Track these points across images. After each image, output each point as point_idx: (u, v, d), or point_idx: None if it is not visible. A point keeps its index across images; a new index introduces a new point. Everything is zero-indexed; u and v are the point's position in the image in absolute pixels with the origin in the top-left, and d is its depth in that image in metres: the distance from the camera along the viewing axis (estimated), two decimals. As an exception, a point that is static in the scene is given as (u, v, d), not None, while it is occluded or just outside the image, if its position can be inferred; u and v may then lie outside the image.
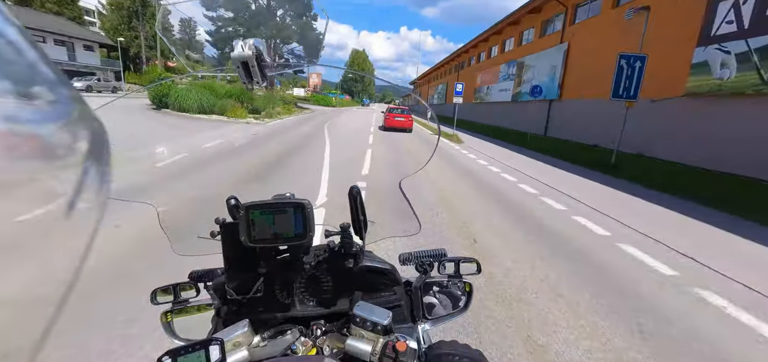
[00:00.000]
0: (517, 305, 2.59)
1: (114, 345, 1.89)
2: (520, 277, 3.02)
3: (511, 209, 5.30)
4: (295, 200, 0.74)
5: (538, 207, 5.43)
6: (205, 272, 0.90)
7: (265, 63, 0.78)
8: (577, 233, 4.34)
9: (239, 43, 0.75)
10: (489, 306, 2.55)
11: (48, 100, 0.25)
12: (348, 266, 0.84)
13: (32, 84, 0.24)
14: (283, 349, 0.72)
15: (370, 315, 0.69)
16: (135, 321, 2.04)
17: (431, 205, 5.10)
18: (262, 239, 0.73)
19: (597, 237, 4.22)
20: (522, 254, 3.52)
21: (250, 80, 0.79)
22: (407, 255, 0.91)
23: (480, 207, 5.30)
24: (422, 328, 0.87)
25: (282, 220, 0.73)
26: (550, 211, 5.26)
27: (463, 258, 0.89)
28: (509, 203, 5.66)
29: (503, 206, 5.44)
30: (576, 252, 3.71)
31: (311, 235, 0.74)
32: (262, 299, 0.80)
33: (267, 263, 0.80)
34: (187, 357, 0.57)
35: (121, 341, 1.92)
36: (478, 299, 2.61)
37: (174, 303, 0.87)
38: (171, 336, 0.86)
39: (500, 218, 4.78)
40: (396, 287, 0.86)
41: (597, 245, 3.97)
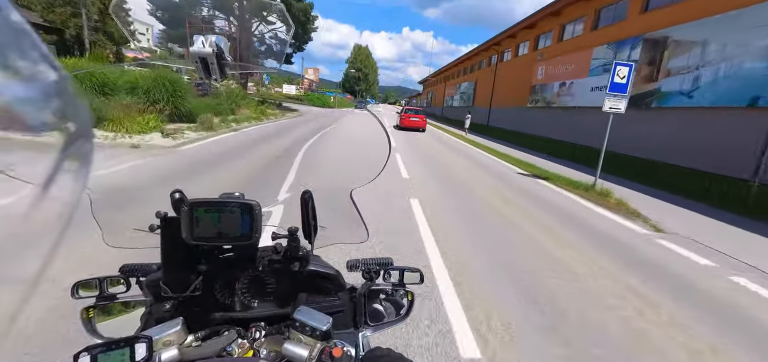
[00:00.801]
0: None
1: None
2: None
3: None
4: (243, 201, 0.72)
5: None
6: (139, 266, 0.84)
7: (225, 61, 0.77)
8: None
9: (200, 39, 0.75)
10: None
11: (29, 74, 0.25)
12: (294, 269, 0.82)
13: (12, 56, 0.24)
14: (217, 350, 0.69)
15: (310, 319, 0.68)
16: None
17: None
18: (205, 238, 0.70)
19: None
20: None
21: (209, 76, 0.78)
22: (355, 262, 0.89)
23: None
24: (363, 335, 0.86)
25: (228, 219, 0.70)
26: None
27: (407, 268, 0.89)
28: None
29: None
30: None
31: (257, 236, 0.72)
32: (200, 298, 0.77)
33: (208, 262, 0.77)
34: (109, 354, 0.53)
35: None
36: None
37: (98, 298, 0.81)
38: (91, 333, 0.79)
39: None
40: (340, 292, 0.87)
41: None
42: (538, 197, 6.41)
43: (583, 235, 4.44)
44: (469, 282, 2.88)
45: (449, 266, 3.11)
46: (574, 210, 5.69)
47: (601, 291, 2.98)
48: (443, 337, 2.16)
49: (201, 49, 0.75)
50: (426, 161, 9.48)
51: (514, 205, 5.64)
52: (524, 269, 3.25)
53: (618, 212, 5.67)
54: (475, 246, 3.70)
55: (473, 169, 9.14)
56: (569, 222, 4.93)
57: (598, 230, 4.73)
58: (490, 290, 2.81)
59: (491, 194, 6.27)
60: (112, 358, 0.53)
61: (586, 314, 2.60)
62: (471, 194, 6.27)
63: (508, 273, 3.14)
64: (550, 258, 3.57)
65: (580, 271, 3.33)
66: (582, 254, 3.76)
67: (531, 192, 6.83)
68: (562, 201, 6.27)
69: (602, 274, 3.33)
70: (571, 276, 3.22)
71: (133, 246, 0.91)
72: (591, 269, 3.41)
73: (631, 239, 4.44)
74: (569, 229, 4.61)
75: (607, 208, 5.89)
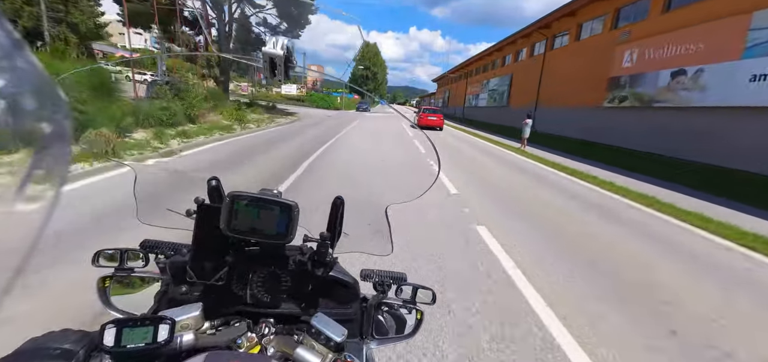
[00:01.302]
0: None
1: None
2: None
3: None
4: (283, 200, 0.72)
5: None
6: (160, 243, 0.84)
7: (291, 63, 0.81)
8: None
9: (272, 40, 0.80)
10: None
11: (2, 66, 0.24)
12: (317, 273, 0.81)
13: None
14: (228, 340, 0.68)
15: (326, 328, 0.67)
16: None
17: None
18: (241, 231, 0.71)
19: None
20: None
21: (273, 76, 0.81)
22: (369, 272, 0.88)
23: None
24: (367, 346, 0.84)
25: (266, 216, 0.71)
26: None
27: (421, 286, 0.86)
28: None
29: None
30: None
31: (291, 237, 0.73)
32: (220, 287, 0.77)
33: (236, 254, 0.78)
34: (134, 330, 0.54)
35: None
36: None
37: (117, 269, 0.80)
38: (106, 304, 0.79)
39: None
40: (354, 302, 0.86)
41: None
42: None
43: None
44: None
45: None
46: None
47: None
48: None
49: (272, 50, 0.76)
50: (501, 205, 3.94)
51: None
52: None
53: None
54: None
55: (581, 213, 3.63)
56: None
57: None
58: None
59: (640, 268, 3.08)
60: (136, 334, 0.54)
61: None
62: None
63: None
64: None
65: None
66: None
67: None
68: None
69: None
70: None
71: (163, 225, 0.94)
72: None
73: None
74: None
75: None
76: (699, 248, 4.11)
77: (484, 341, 2.06)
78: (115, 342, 0.52)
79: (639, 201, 6.14)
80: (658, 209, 5.66)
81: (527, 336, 2.16)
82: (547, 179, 8.12)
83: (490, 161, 10.48)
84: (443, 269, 2.93)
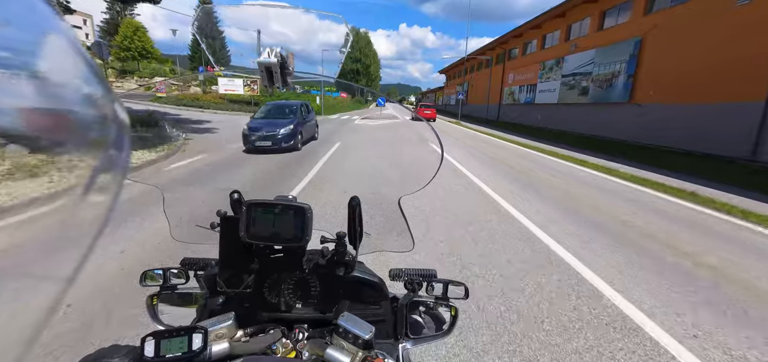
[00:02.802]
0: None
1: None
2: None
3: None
4: (296, 204, 0.75)
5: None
6: (197, 261, 0.90)
7: (288, 70, 0.83)
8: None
9: (266, 49, 0.81)
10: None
11: (75, 83, 0.27)
12: (339, 274, 0.83)
13: (62, 67, 0.26)
14: (263, 348, 0.70)
15: (353, 327, 0.67)
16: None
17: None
18: (259, 237, 0.74)
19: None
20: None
21: (272, 84, 0.84)
22: (398, 271, 0.90)
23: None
24: (403, 347, 0.83)
25: (282, 221, 0.74)
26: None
27: (452, 281, 0.86)
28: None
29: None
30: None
31: (307, 239, 0.75)
32: (251, 295, 0.81)
33: (261, 261, 0.81)
34: (171, 341, 0.57)
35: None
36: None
37: (162, 287, 0.86)
38: (154, 319, 0.85)
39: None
40: (383, 301, 0.86)
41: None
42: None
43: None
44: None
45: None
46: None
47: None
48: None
49: (266, 59, 0.77)
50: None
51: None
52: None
53: None
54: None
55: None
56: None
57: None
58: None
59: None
60: (172, 345, 0.57)
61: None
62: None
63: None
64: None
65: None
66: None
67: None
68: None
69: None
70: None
71: (194, 241, 0.97)
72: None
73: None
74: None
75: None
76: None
77: None
78: (154, 353, 0.56)
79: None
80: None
81: None
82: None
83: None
84: None
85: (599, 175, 7.60)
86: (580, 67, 17.25)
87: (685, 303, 2.49)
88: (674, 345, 2.04)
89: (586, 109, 16.91)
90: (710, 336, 2.15)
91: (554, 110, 19.85)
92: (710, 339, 2.12)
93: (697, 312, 2.40)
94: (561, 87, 19.01)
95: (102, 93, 0.30)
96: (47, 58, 0.24)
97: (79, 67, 0.27)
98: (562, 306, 2.37)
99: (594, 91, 16.28)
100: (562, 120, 18.92)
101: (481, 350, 1.92)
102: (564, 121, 18.67)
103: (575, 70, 17.71)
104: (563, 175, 7.53)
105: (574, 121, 17.73)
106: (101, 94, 0.30)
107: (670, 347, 2.02)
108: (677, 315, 2.34)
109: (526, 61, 23.71)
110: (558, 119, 19.41)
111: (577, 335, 2.08)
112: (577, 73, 17.59)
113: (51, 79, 0.25)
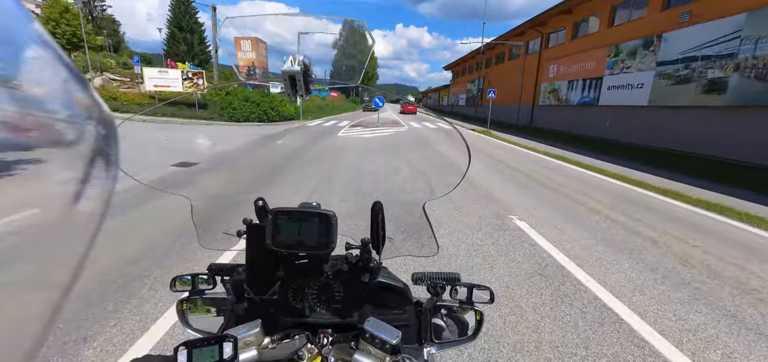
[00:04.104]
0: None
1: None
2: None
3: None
4: (321, 211, 0.75)
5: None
6: (224, 266, 0.90)
7: (311, 78, 0.81)
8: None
9: (289, 58, 0.79)
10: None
11: (58, 88, 0.27)
12: (363, 280, 0.84)
13: (42, 72, 0.26)
14: (289, 353, 0.70)
15: (380, 332, 0.68)
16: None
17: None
18: (285, 244, 0.74)
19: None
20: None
21: (295, 93, 0.83)
22: (420, 275, 0.86)
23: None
24: (428, 351, 0.84)
25: (307, 228, 0.74)
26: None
27: (477, 285, 0.84)
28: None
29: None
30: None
31: (333, 246, 0.75)
32: (276, 302, 0.82)
33: (286, 268, 0.81)
34: (202, 350, 0.58)
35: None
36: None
37: (191, 292, 0.88)
38: (184, 324, 0.87)
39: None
40: (407, 306, 0.86)
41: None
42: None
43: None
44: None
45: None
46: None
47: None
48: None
49: (290, 68, 0.76)
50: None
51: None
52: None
53: None
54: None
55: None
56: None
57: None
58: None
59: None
60: (204, 354, 0.58)
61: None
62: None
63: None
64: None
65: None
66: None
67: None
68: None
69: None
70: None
71: (221, 248, 1.04)
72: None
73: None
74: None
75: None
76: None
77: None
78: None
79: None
80: None
81: None
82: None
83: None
84: None
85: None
86: (705, 47, 10.57)
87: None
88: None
89: (719, 116, 10.23)
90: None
91: (638, 115, 13.19)
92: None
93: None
94: (656, 80, 12.33)
95: (82, 92, 0.29)
96: (22, 61, 0.24)
97: (56, 67, 0.26)
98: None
99: (741, 85, 9.60)
100: (653, 129, 12.29)
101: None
102: (660, 131, 12.01)
103: (692, 52, 11.01)
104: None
105: (688, 133, 11.06)
106: (81, 93, 0.29)
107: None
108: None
109: (580, 45, 17.05)
110: (644, 127, 12.76)
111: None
112: (696, 58, 10.90)
113: (27, 81, 0.24)
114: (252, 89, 21.40)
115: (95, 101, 0.30)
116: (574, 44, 17.70)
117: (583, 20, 17.11)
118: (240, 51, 25.39)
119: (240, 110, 16.28)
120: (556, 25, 19.29)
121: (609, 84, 14.82)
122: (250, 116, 16.40)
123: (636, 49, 13.29)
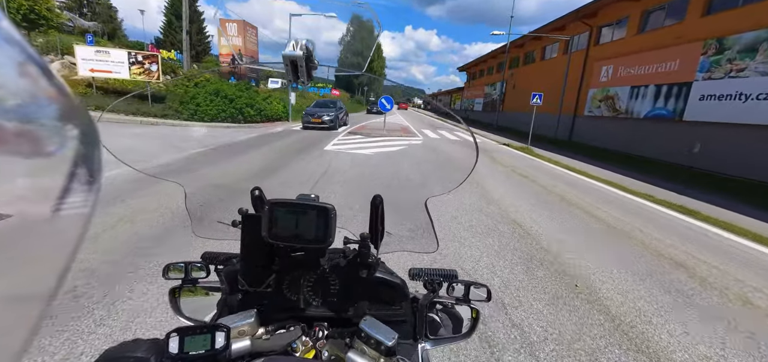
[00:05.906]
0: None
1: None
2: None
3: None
4: (319, 204, 0.72)
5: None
6: (218, 255, 0.88)
7: (313, 64, 0.79)
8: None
9: (291, 42, 0.77)
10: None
11: (33, 93, 0.25)
12: (361, 275, 0.81)
13: (17, 77, 0.24)
14: (283, 345, 0.69)
15: (376, 332, 0.66)
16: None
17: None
18: (281, 237, 0.71)
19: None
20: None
21: (297, 78, 0.81)
22: (418, 271, 0.88)
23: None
24: (422, 347, 0.83)
25: (304, 221, 0.71)
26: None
27: (474, 283, 0.84)
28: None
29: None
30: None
31: (330, 240, 0.72)
32: (271, 293, 0.80)
33: (282, 261, 0.80)
34: (194, 338, 0.57)
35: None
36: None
37: (184, 280, 0.86)
38: (176, 312, 0.86)
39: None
40: (403, 302, 0.84)
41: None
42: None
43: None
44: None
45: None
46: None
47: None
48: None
49: (291, 53, 0.74)
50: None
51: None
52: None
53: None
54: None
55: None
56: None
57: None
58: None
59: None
60: (195, 342, 0.57)
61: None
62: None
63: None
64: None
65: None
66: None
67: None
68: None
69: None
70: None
71: (216, 237, 0.97)
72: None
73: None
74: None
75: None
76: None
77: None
78: (178, 350, 0.56)
79: None
80: None
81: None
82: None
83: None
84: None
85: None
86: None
87: None
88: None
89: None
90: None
91: (751, 136, 9.17)
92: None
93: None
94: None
95: (58, 92, 0.27)
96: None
97: (28, 67, 0.25)
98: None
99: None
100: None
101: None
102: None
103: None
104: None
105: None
106: (58, 92, 0.27)
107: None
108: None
109: (651, 40, 13.03)
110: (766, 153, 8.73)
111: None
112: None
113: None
114: (237, 80, 17.59)
115: (74, 103, 0.28)
116: (641, 39, 13.70)
117: (658, 7, 13.10)
118: (224, 35, 21.64)
119: (205, 108, 12.49)
120: (613, 16, 15.29)
121: (702, 93, 10.81)
122: (218, 115, 12.61)
123: (757, 42, 9.29)
